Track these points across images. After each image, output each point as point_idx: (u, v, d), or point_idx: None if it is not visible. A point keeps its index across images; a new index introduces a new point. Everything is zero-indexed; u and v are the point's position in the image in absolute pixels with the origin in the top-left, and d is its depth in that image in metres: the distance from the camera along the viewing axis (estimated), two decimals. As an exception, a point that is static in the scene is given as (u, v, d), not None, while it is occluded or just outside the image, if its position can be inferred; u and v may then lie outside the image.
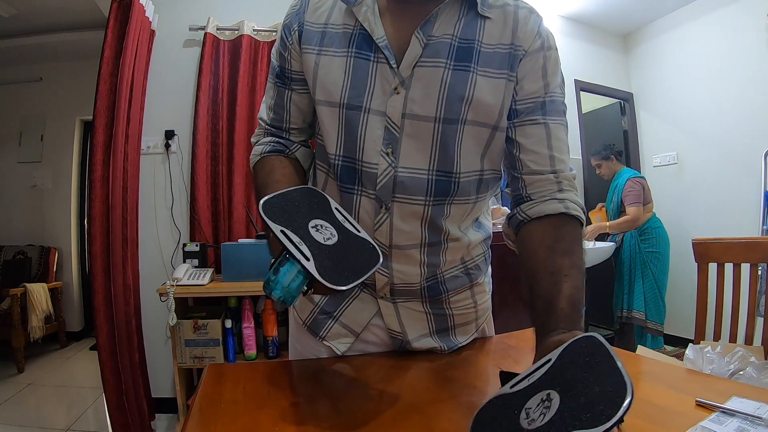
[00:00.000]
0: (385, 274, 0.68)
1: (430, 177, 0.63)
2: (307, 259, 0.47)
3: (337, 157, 0.65)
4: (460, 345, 0.77)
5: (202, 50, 2.31)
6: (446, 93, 0.60)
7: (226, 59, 2.35)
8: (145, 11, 2.12)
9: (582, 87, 3.35)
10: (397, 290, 0.70)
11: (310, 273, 0.46)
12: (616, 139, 3.60)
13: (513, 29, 0.62)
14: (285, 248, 0.48)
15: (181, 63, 2.36)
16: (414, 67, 0.61)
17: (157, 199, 2.30)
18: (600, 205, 3.26)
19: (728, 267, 1.09)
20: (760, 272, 1.36)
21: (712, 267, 1.10)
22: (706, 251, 1.11)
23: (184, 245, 2.13)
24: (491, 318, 0.88)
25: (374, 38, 0.61)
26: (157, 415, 2.17)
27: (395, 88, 0.61)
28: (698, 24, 3.15)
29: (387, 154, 0.62)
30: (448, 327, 0.75)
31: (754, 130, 2.82)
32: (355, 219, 0.65)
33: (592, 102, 3.62)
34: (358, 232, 0.55)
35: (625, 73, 3.63)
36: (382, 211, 0.64)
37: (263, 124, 0.76)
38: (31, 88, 3.77)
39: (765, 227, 2.72)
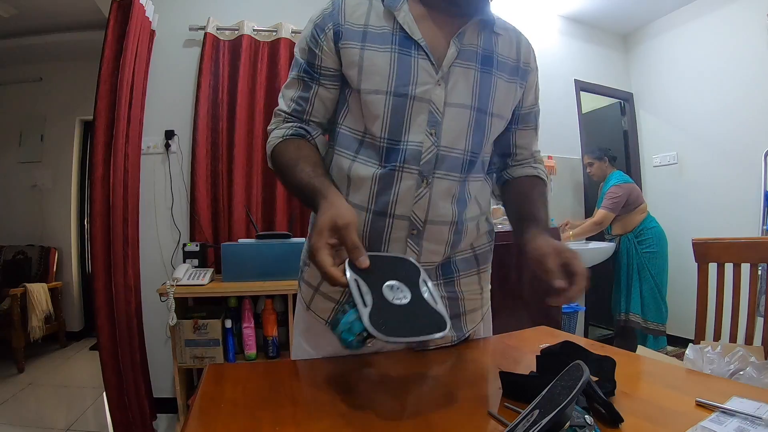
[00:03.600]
0: (415, 250, 0.74)
1: (465, 157, 0.75)
2: (366, 306, 0.52)
3: (382, 140, 0.73)
4: (467, 334, 0.83)
5: (202, 50, 2.31)
6: (478, 89, 0.75)
7: (226, 59, 2.35)
8: (145, 11, 2.12)
9: (582, 87, 3.35)
10: None
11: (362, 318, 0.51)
12: (616, 139, 3.60)
13: (518, 49, 0.81)
14: (352, 294, 0.53)
15: (181, 63, 2.36)
16: (451, 66, 0.73)
17: (157, 199, 2.30)
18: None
19: (728, 267, 1.09)
20: (760, 272, 1.36)
21: (712, 267, 1.10)
22: (706, 251, 1.11)
23: (184, 245, 2.13)
24: (490, 318, 0.89)
25: (415, 38, 0.72)
26: (157, 415, 2.17)
27: (437, 81, 0.72)
28: (698, 24, 3.15)
29: (431, 134, 0.72)
30: (460, 313, 0.82)
31: (754, 130, 2.82)
32: (395, 195, 0.72)
33: (592, 102, 3.62)
34: (436, 304, 0.58)
35: (625, 73, 3.63)
36: (423, 185, 0.72)
37: (282, 114, 0.80)
38: (31, 88, 3.77)
39: (765, 227, 2.72)
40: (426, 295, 0.58)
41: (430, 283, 0.60)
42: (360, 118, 0.75)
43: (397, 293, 0.57)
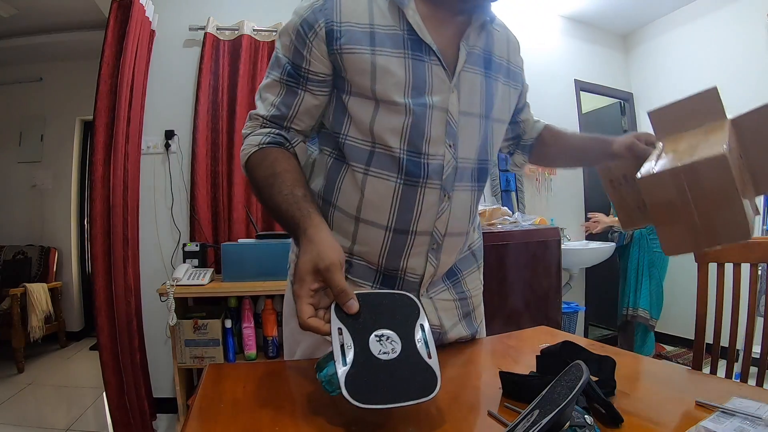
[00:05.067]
0: (434, 264, 0.73)
1: (475, 165, 0.74)
2: (344, 365, 0.48)
3: (402, 152, 0.68)
4: (476, 329, 0.85)
5: (202, 50, 2.31)
6: (484, 95, 0.73)
7: (226, 59, 2.35)
8: (145, 11, 2.12)
9: (582, 87, 3.35)
10: (432, 282, 0.76)
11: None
12: (616, 139, 3.59)
13: (508, 49, 0.80)
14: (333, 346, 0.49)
15: (181, 63, 2.35)
16: (461, 72, 0.70)
17: (157, 199, 2.30)
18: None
19: (728, 267, 1.09)
20: (760, 272, 1.36)
21: (712, 267, 1.10)
22: (706, 251, 1.11)
23: (184, 245, 2.13)
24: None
25: (426, 41, 0.67)
26: (157, 415, 2.17)
27: (451, 89, 0.69)
28: (698, 24, 3.14)
29: (450, 146, 0.70)
30: (470, 310, 0.83)
31: (754, 130, 2.81)
32: (418, 212, 0.69)
33: (592, 102, 3.62)
34: (429, 358, 0.52)
35: (625, 73, 3.63)
36: (445, 200, 0.71)
37: (260, 118, 0.73)
38: (31, 88, 3.77)
39: (765, 227, 2.71)
40: (419, 345, 0.53)
41: (427, 327, 0.55)
42: (366, 127, 0.68)
43: (386, 345, 0.51)
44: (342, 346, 0.49)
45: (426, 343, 0.53)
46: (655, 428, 0.49)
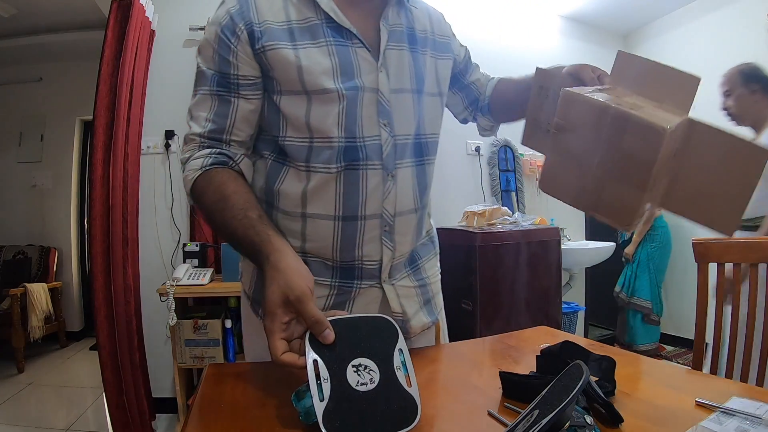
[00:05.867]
0: (390, 247, 0.73)
1: (419, 140, 0.75)
2: (321, 400, 0.46)
3: (340, 140, 0.67)
4: (436, 317, 0.85)
5: (202, 50, 2.30)
6: (413, 70, 0.73)
7: (226, 59, 2.35)
8: (145, 11, 2.12)
9: (582, 87, 3.34)
10: (393, 267, 0.75)
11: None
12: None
13: (431, 22, 0.80)
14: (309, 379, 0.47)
15: (181, 63, 2.35)
16: (386, 51, 0.70)
17: (157, 199, 2.30)
18: None
19: (728, 267, 1.09)
20: (760, 272, 1.36)
21: (712, 267, 1.10)
22: (706, 251, 1.11)
23: (184, 245, 2.13)
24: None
25: (345, 26, 0.68)
26: (157, 415, 2.17)
27: (379, 69, 0.69)
28: (698, 24, 3.14)
29: (385, 125, 0.69)
30: (430, 297, 0.83)
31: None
32: (363, 196, 0.68)
33: (592, 102, 3.62)
34: (409, 387, 0.51)
35: (625, 73, 3.63)
36: (389, 179, 0.70)
37: (197, 138, 0.70)
38: (31, 88, 3.77)
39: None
40: (399, 372, 0.51)
41: (406, 352, 0.54)
42: (302, 123, 0.67)
43: (363, 375, 0.50)
44: (318, 377, 0.48)
45: (406, 368, 0.52)
46: (655, 428, 0.49)
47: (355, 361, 0.50)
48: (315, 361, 0.48)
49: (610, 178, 0.55)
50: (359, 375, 0.50)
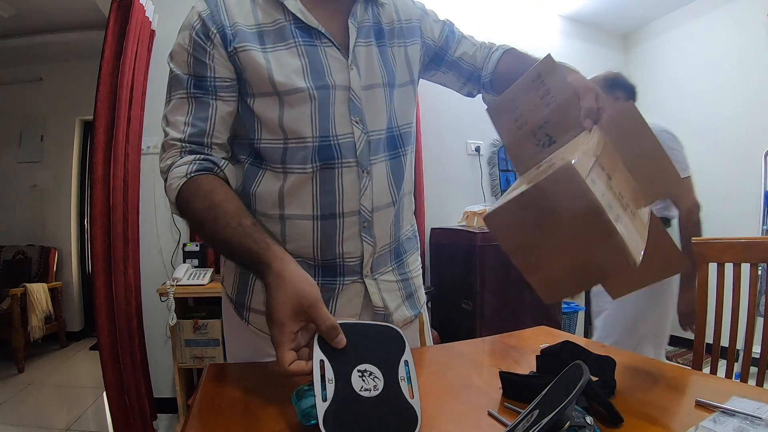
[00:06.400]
0: (370, 242, 0.73)
1: (392, 133, 0.74)
2: (324, 400, 0.46)
3: (314, 139, 0.68)
4: (419, 311, 0.85)
5: (202, 50, 2.30)
6: (382, 64, 0.74)
7: (226, 59, 2.35)
8: (145, 11, 2.12)
9: (582, 87, 3.34)
10: (374, 262, 0.75)
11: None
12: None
13: (396, 11, 0.79)
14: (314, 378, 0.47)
15: (181, 63, 2.35)
16: (355, 48, 0.71)
17: (157, 199, 2.30)
18: None
19: (728, 267, 1.09)
20: (760, 272, 1.36)
21: (712, 267, 1.10)
22: (706, 251, 1.11)
23: (184, 245, 2.13)
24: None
25: (313, 26, 0.68)
26: (158, 415, 2.17)
27: (350, 66, 0.70)
28: (698, 24, 3.14)
29: (357, 122, 0.70)
30: (412, 291, 0.83)
31: (754, 129, 2.82)
32: (340, 194, 0.69)
33: (592, 102, 3.62)
34: (411, 399, 0.50)
35: (625, 73, 3.62)
36: (365, 176, 0.70)
37: (178, 143, 0.68)
38: (31, 88, 3.77)
39: (765, 227, 2.72)
40: (403, 383, 0.51)
41: (411, 364, 0.53)
42: (276, 124, 0.67)
43: (368, 381, 0.50)
44: (323, 378, 0.47)
45: (410, 379, 0.52)
46: (655, 428, 0.49)
47: (362, 367, 0.50)
48: (321, 360, 0.49)
49: (559, 262, 0.51)
50: (364, 380, 0.50)
